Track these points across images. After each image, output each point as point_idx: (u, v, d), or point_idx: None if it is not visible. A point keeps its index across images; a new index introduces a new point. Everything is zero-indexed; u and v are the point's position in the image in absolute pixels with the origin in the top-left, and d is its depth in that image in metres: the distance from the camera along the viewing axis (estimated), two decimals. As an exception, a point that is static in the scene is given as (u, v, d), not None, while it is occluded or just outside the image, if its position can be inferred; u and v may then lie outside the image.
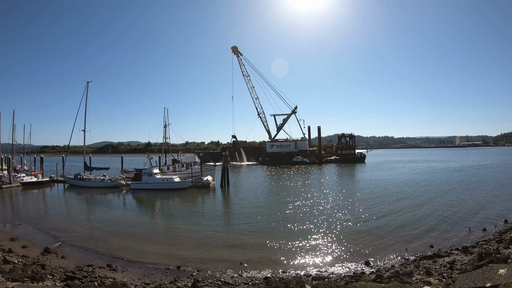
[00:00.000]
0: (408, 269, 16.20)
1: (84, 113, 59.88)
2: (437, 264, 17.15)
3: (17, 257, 19.90)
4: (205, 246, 22.85)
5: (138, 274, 17.91)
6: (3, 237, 25.08)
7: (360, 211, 32.12)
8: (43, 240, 25.27)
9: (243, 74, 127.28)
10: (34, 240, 25.22)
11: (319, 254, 20.60)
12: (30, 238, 25.74)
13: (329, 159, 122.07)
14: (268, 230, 26.29)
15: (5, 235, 26.10)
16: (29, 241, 24.73)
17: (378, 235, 23.77)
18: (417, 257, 18.90)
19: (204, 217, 32.70)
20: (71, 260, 20.51)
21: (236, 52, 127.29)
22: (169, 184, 50.86)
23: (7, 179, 56.91)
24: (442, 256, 18.41)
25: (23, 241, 24.41)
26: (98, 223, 31.18)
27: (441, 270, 15.64)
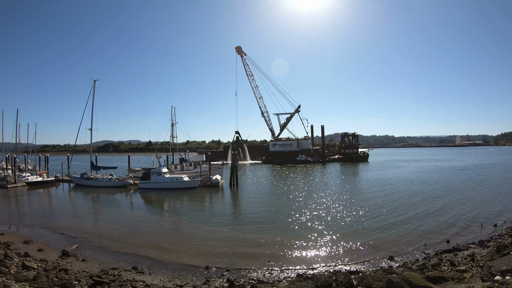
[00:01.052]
0: (432, 261, 16.83)
1: (91, 112, 58.83)
2: (458, 256, 17.67)
3: (35, 262, 18.99)
4: (227, 245, 22.42)
5: (167, 275, 17.35)
6: (16, 240, 24.04)
7: (374, 209, 32.29)
8: (58, 242, 24.34)
9: (247, 74, 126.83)
10: (49, 242, 24.21)
11: (341, 250, 20.71)
12: (45, 240, 24.71)
13: (333, 158, 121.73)
14: (286, 228, 26.20)
15: (18, 237, 25.12)
16: (44, 243, 23.78)
17: (394, 232, 24.14)
18: (437, 251, 19.47)
19: (219, 216, 32.13)
20: (93, 263, 19.75)
21: (240, 52, 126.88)
22: (178, 183, 49.96)
23: (12, 178, 55.79)
24: (461, 250, 19.07)
25: (38, 244, 23.47)
26: (112, 223, 30.29)
27: (463, 262, 16.10)
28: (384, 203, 35.59)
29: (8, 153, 72.92)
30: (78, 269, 18.13)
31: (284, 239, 23.12)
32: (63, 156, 78.21)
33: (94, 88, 58.99)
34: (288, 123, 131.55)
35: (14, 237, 24.97)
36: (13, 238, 24.53)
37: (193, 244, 22.92)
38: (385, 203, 35.54)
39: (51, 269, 17.44)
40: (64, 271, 17.32)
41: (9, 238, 24.53)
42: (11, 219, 33.10)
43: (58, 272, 17.06)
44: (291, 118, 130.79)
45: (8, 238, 24.51)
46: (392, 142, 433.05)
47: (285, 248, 21.29)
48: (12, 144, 72.84)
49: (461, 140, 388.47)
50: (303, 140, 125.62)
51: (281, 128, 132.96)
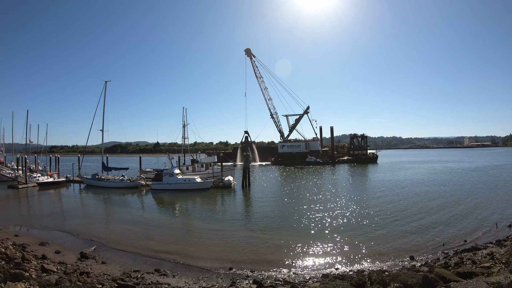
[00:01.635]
0: (454, 260, 16.95)
1: (103, 112, 58.41)
2: (477, 255, 17.70)
3: (54, 264, 18.24)
4: (246, 246, 22.07)
5: (191, 277, 16.84)
6: (32, 242, 23.26)
7: (389, 211, 32.11)
8: (74, 244, 23.56)
9: (257, 76, 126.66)
10: (65, 244, 23.41)
11: (361, 251, 20.50)
12: (61, 242, 23.87)
13: (342, 160, 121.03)
14: (303, 230, 25.95)
15: (33, 239, 24.31)
16: (60, 245, 22.95)
17: (412, 233, 24.12)
18: (456, 251, 19.60)
19: (235, 217, 31.69)
20: (113, 265, 18.93)
21: (249, 55, 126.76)
22: (190, 184, 49.22)
23: (23, 179, 55.33)
24: (479, 249, 19.19)
25: (54, 246, 22.64)
26: (127, 224, 29.55)
27: (484, 260, 16.18)
28: (398, 204, 35.44)
29: (18, 153, 72.76)
30: (99, 272, 17.33)
31: (302, 240, 22.84)
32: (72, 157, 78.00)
33: (105, 89, 58.76)
34: (297, 124, 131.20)
35: (29, 239, 24.20)
36: (28, 240, 23.77)
37: (212, 245, 22.48)
38: (400, 204, 35.40)
39: (72, 272, 16.67)
40: (85, 274, 16.54)
41: (24, 239, 23.81)
42: (24, 220, 32.46)
43: (80, 275, 16.28)
44: (300, 120, 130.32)
45: (23, 239, 23.79)
46: (400, 144, 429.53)
47: (304, 249, 21.04)
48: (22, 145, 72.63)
49: (470, 141, 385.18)
50: (312, 142, 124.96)
51: (290, 129, 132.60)
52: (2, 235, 24.64)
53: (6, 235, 25.06)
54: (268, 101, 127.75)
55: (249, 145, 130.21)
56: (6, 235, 25.04)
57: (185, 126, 65.79)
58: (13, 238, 24.09)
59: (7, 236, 24.34)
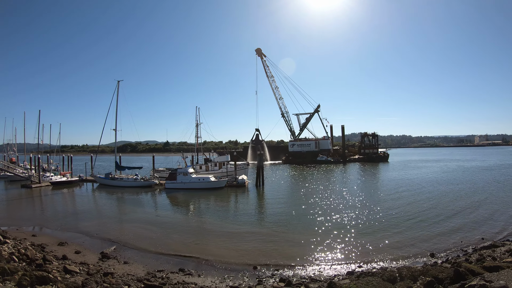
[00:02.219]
0: (474, 257, 17.13)
1: (115, 112, 58.07)
2: (496, 252, 17.87)
3: (76, 265, 17.52)
4: (266, 244, 21.88)
5: (216, 276, 16.59)
6: (50, 242, 22.62)
7: (405, 209, 31.91)
8: (93, 244, 22.95)
9: (267, 75, 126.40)
10: (84, 244, 22.76)
11: (382, 249, 20.43)
12: (80, 242, 23.24)
13: (353, 158, 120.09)
14: (321, 228, 25.60)
15: (51, 239, 23.65)
16: (79, 245, 22.31)
17: (429, 231, 23.98)
18: (475, 248, 19.70)
19: (253, 216, 31.50)
20: (136, 265, 18.33)
21: (260, 54, 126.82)
22: (205, 183, 48.56)
23: (36, 178, 55.05)
24: (498, 246, 19.30)
25: (74, 246, 22.01)
26: (144, 224, 28.98)
27: (504, 257, 16.29)
28: (414, 203, 35.10)
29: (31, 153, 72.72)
30: (122, 272, 16.78)
31: (321, 238, 22.76)
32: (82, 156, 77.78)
33: (118, 88, 58.45)
34: (308, 123, 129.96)
35: (47, 239, 23.59)
36: (46, 240, 23.17)
37: (233, 244, 22.15)
38: (416, 203, 35.07)
39: (95, 273, 15.91)
40: (110, 275, 15.81)
41: (42, 239, 23.20)
42: (39, 219, 31.85)
43: (104, 276, 15.56)
44: (310, 118, 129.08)
45: (41, 239, 23.18)
46: (410, 142, 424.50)
47: (324, 247, 20.95)
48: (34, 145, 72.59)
49: (480, 140, 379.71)
50: (322, 140, 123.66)
51: (301, 128, 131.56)
52: (20, 235, 24.09)
53: (24, 235, 24.53)
54: (279, 100, 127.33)
55: (260, 143, 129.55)
56: (23, 235, 24.50)
57: (198, 126, 65.07)
58: (31, 238, 23.52)
59: (24, 236, 23.79)
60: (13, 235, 23.42)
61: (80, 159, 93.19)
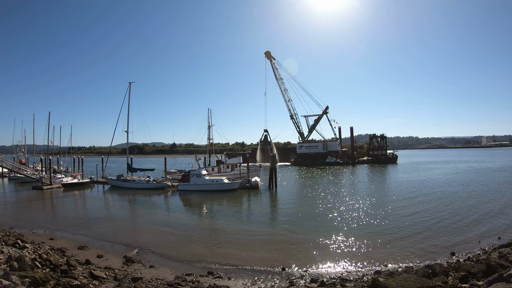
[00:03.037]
0: (494, 255, 17.39)
1: (127, 113, 57.64)
2: None
3: (101, 270, 16.71)
4: (292, 246, 21.58)
5: (247, 279, 16.21)
6: (70, 245, 21.77)
7: (420, 210, 32.14)
8: (114, 247, 22.07)
9: (276, 77, 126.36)
10: (105, 247, 21.89)
11: (404, 248, 20.56)
12: (100, 245, 22.38)
13: (361, 160, 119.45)
14: (340, 229, 25.51)
15: (70, 242, 22.79)
16: (100, 249, 21.46)
17: (447, 231, 24.11)
18: (494, 247, 19.81)
19: (270, 218, 31.29)
20: (162, 269, 17.54)
21: (269, 57, 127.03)
22: (218, 185, 47.77)
23: (48, 180, 54.50)
24: None
25: (94, 249, 21.16)
26: (162, 226, 28.19)
27: None
28: (429, 204, 35.29)
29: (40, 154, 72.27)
30: (150, 277, 16.10)
31: (341, 238, 22.77)
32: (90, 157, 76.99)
33: (129, 90, 58.07)
34: (317, 125, 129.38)
35: (66, 242, 22.71)
36: (65, 243, 22.31)
37: (256, 246, 21.87)
38: (430, 204, 35.27)
39: (123, 278, 15.19)
40: (139, 280, 15.04)
41: (60, 243, 22.32)
42: (54, 222, 31.02)
43: (132, 281, 14.80)
44: (319, 120, 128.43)
45: (60, 243, 22.30)
46: (416, 144, 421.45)
47: (346, 247, 20.92)
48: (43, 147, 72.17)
49: (487, 141, 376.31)
50: (330, 142, 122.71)
51: (309, 130, 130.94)
52: (36, 238, 23.35)
53: (41, 238, 23.76)
54: (288, 102, 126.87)
55: (269, 144, 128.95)
56: (40, 238, 23.74)
57: (210, 127, 64.51)
58: (49, 241, 22.71)
59: (42, 240, 23.02)
60: (30, 239, 22.74)
61: (87, 160, 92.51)
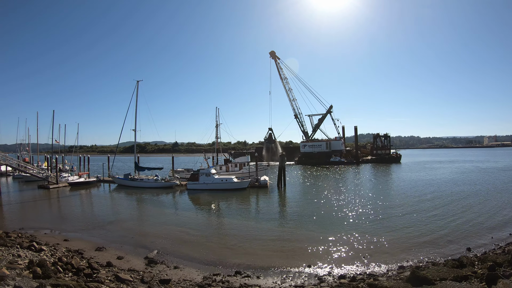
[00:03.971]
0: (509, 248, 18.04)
1: (135, 112, 56.73)
2: None
3: (125, 272, 16.02)
4: (312, 244, 21.28)
5: (275, 277, 15.98)
6: (86, 247, 20.97)
7: (431, 208, 32.60)
8: (133, 248, 21.34)
9: (281, 77, 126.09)
10: (122, 248, 21.12)
11: (421, 245, 20.75)
12: (117, 246, 21.60)
13: (365, 159, 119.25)
14: (356, 227, 25.58)
15: (86, 244, 21.98)
16: (118, 250, 20.73)
17: (459, 228, 24.61)
18: (508, 243, 20.27)
19: (286, 216, 31.06)
20: (188, 270, 17.12)
21: (274, 57, 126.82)
22: (228, 184, 47.19)
23: (54, 178, 53.67)
24: None
25: (113, 251, 20.42)
26: (177, 226, 27.61)
27: None
28: (439, 201, 35.98)
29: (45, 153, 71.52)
30: (177, 278, 15.58)
31: (357, 237, 22.73)
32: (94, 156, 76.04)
33: (137, 88, 57.06)
34: (321, 124, 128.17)
35: (81, 243, 21.92)
36: (81, 245, 21.53)
37: (275, 244, 21.71)
38: (440, 201, 35.95)
39: (150, 280, 14.49)
40: (166, 282, 14.42)
41: (76, 244, 21.55)
42: (64, 222, 30.09)
43: (161, 283, 14.15)
44: (323, 119, 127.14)
45: (75, 244, 21.53)
46: (418, 143, 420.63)
47: (363, 245, 20.94)
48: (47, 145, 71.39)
49: (489, 141, 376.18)
50: (334, 141, 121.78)
51: (313, 129, 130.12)
52: (50, 240, 22.58)
53: (54, 239, 22.98)
54: (292, 101, 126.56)
55: (273, 142, 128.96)
56: (54, 239, 22.96)
57: (218, 126, 63.86)
58: (63, 243, 21.93)
59: (56, 241, 22.24)
60: (44, 240, 21.97)
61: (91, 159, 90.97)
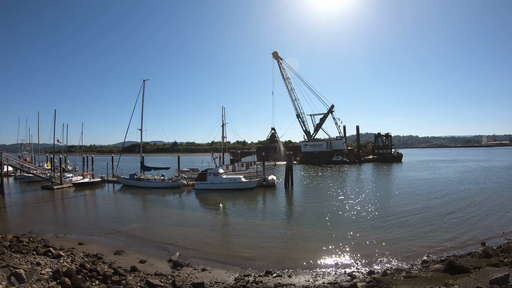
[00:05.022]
0: None
1: (141, 111, 55.84)
2: None
3: (152, 277, 15.26)
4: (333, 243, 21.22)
5: (307, 276, 15.83)
6: (104, 251, 20.01)
7: (439, 205, 33.33)
8: (153, 251, 20.56)
9: (284, 77, 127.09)
10: (142, 251, 20.34)
11: (438, 239, 21.31)
12: (136, 249, 20.75)
13: (367, 159, 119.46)
14: (372, 225, 25.91)
15: (103, 247, 21.02)
16: (138, 253, 19.93)
17: (469, 224, 25.30)
18: None
19: (300, 216, 30.86)
20: (216, 271, 16.69)
21: (276, 58, 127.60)
22: (236, 184, 46.57)
23: (58, 179, 52.54)
24: None
25: (133, 254, 19.53)
26: (192, 227, 26.99)
27: None
28: (446, 199, 36.89)
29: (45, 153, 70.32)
30: (209, 281, 15.08)
31: (375, 235, 22.84)
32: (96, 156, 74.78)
33: (143, 87, 56.12)
34: (323, 123, 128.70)
35: (98, 247, 20.94)
36: (98, 248, 20.57)
37: (297, 242, 21.79)
38: (447, 199, 36.92)
39: (182, 284, 13.96)
40: (200, 285, 13.94)
41: (92, 248, 20.58)
42: (75, 224, 28.78)
43: (193, 287, 13.58)
44: (325, 119, 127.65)
45: (92, 248, 20.56)
46: (416, 143, 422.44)
47: (382, 243, 21.01)
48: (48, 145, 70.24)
49: (488, 140, 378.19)
50: (335, 141, 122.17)
51: (315, 128, 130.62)
52: (65, 244, 21.54)
53: (69, 243, 21.89)
54: (294, 101, 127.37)
55: (275, 141, 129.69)
56: (68, 243, 21.87)
57: (224, 126, 63.09)
58: (79, 247, 20.92)
59: (71, 245, 21.19)
60: (58, 244, 20.95)
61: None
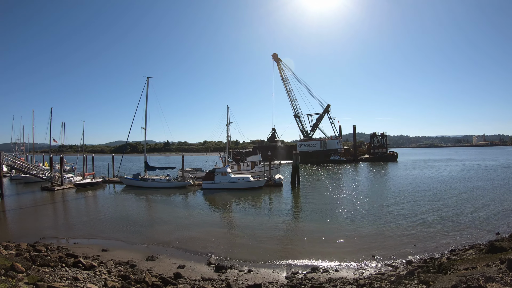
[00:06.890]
0: None
1: (145, 109, 54.55)
2: None
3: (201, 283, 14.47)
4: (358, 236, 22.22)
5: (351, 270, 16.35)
6: (134, 257, 18.62)
7: (442, 202, 34.16)
8: (186, 254, 19.69)
9: (283, 78, 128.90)
10: (175, 255, 19.45)
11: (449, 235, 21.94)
12: (168, 253, 19.81)
13: (363, 158, 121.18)
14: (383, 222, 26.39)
15: (132, 253, 19.60)
16: (171, 257, 19.01)
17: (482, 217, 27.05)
18: None
19: (319, 214, 30.42)
20: (263, 271, 16.52)
21: (276, 59, 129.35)
22: (244, 183, 45.95)
23: (59, 180, 50.48)
24: None
25: (166, 259, 18.52)
26: (215, 227, 26.66)
27: None
28: (447, 195, 38.61)
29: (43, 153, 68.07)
30: (262, 281, 14.85)
31: (388, 231, 23.37)
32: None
33: (147, 85, 54.87)
34: (319, 123, 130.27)
35: (125, 253, 19.54)
36: (126, 255, 19.21)
37: (323, 242, 21.65)
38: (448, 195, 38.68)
39: (238, 288, 13.36)
40: (257, 286, 13.78)
41: (118, 254, 19.16)
42: (89, 228, 26.81)
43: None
44: (321, 118, 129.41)
45: (118, 255, 19.14)
46: (407, 142, 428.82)
47: (403, 237, 21.84)
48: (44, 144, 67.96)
49: (478, 140, 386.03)
50: (329, 140, 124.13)
51: (312, 128, 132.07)
52: (87, 251, 20.02)
53: (91, 250, 20.37)
54: (292, 102, 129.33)
55: (275, 141, 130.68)
56: (90, 250, 20.35)
57: (228, 125, 62.18)
58: (103, 253, 19.48)
59: (94, 252, 19.74)
60: (79, 251, 19.42)
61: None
